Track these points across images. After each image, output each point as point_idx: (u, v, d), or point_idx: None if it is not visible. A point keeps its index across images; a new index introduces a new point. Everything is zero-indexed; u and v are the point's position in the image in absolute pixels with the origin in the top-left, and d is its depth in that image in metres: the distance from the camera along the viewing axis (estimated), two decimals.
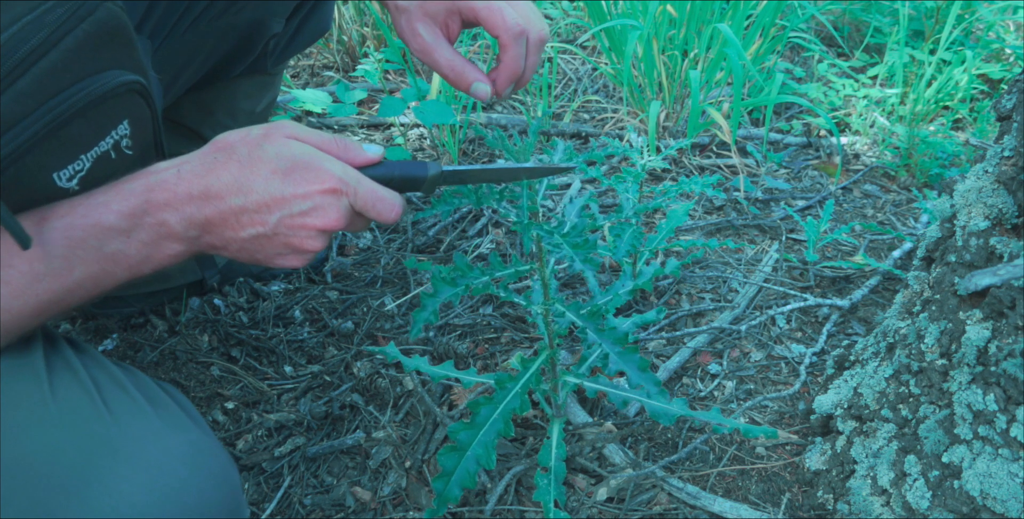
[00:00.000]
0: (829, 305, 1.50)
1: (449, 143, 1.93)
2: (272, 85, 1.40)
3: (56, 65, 0.69)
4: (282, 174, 0.78)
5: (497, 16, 0.96)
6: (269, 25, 1.21)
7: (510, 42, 0.97)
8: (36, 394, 0.69)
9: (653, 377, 0.93)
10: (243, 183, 0.77)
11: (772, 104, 1.98)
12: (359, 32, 2.48)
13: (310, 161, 0.79)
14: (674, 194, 1.42)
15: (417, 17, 1.00)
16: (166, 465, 0.67)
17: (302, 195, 0.78)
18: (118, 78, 0.75)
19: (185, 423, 0.73)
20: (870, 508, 1.00)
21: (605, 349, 0.92)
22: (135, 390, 0.74)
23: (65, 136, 0.72)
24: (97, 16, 0.71)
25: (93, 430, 0.67)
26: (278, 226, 0.78)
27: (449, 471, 0.95)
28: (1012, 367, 0.86)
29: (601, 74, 2.40)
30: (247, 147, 0.79)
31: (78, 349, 0.78)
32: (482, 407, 0.98)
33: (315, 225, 0.79)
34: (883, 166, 2.02)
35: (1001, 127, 0.98)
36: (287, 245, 0.80)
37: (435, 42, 1.00)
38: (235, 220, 0.77)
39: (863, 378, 1.09)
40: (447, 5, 0.99)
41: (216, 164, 0.78)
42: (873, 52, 2.64)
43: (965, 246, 0.95)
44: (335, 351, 1.39)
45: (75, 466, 0.64)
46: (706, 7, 2.08)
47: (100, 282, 0.75)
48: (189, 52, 1.14)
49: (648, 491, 1.13)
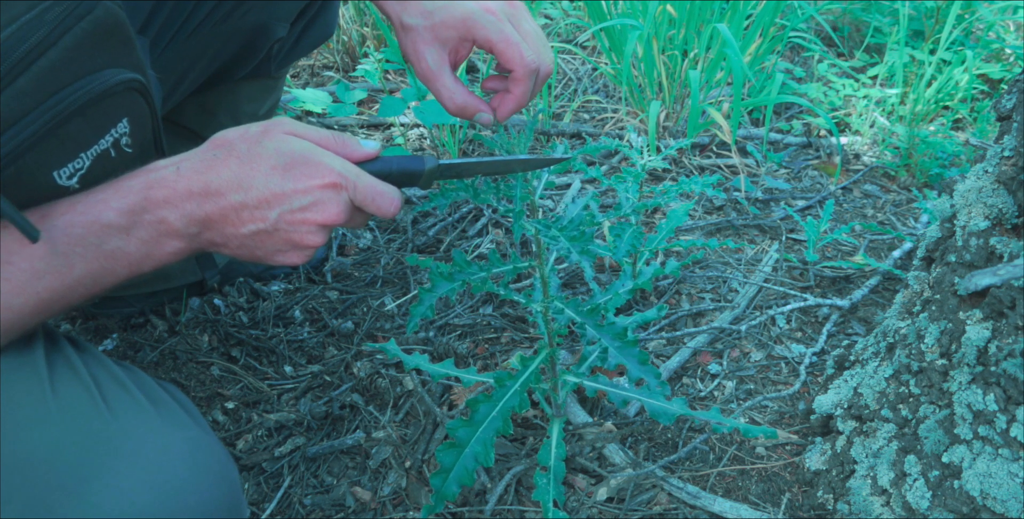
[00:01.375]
0: (829, 305, 1.50)
1: (449, 143, 1.93)
2: (275, 88, 1.41)
3: (55, 64, 0.69)
4: (282, 170, 0.78)
5: (515, 51, 0.96)
6: (273, 30, 1.21)
7: (523, 77, 0.97)
8: (37, 392, 0.69)
9: (653, 370, 0.93)
10: (243, 179, 0.77)
11: (772, 104, 1.98)
12: (359, 32, 2.48)
13: (309, 156, 0.79)
14: (674, 194, 1.42)
15: (424, 40, 0.99)
16: (166, 463, 0.66)
17: (302, 190, 0.78)
18: (117, 76, 0.75)
19: (185, 421, 0.73)
20: (870, 508, 1.00)
21: (604, 344, 0.92)
22: (135, 388, 0.74)
23: (64, 134, 0.72)
24: (95, 14, 0.71)
25: (93, 428, 0.67)
26: (279, 222, 0.78)
27: (447, 468, 0.95)
28: (1012, 367, 0.86)
29: (601, 74, 2.40)
30: (246, 144, 0.79)
31: (79, 347, 0.78)
32: (481, 405, 0.98)
33: (315, 220, 0.79)
34: (883, 166, 2.02)
35: (1001, 127, 0.98)
36: (288, 241, 0.80)
37: (439, 69, 0.99)
38: (235, 216, 0.77)
39: (863, 378, 1.09)
40: (461, 33, 0.97)
41: (216, 161, 0.78)
42: (873, 52, 2.64)
43: (965, 246, 0.95)
44: (335, 351, 1.39)
45: (75, 464, 0.64)
46: (706, 7, 2.08)
47: (100, 280, 0.75)
48: (193, 55, 1.14)
49: (648, 491, 1.13)
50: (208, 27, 1.12)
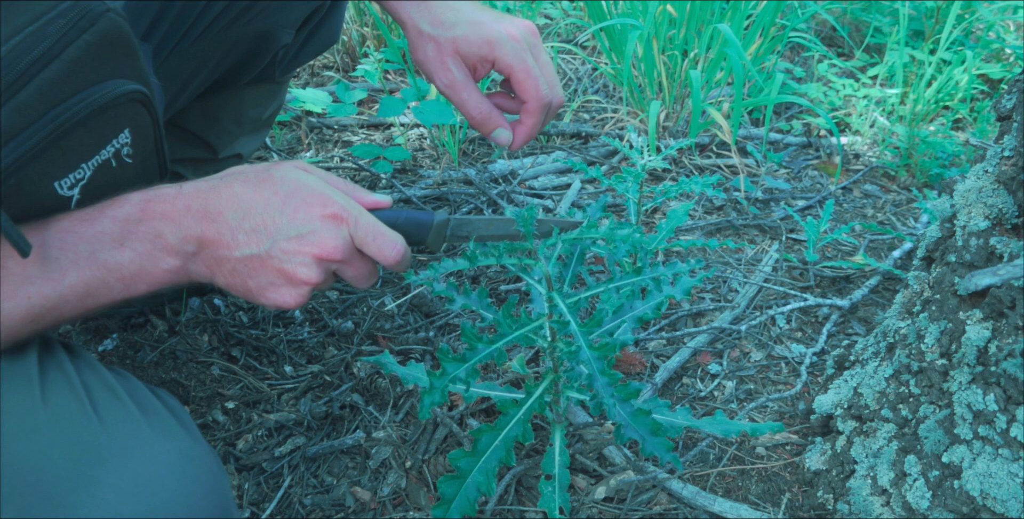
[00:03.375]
0: (829, 305, 1.50)
1: (449, 143, 1.93)
2: (279, 93, 1.41)
3: (58, 76, 0.69)
4: (284, 196, 0.77)
5: (531, 84, 0.97)
6: (279, 36, 1.20)
7: (537, 110, 0.99)
8: (27, 400, 0.68)
9: (665, 443, 0.90)
10: (244, 202, 0.76)
11: (772, 104, 1.98)
12: (359, 32, 2.48)
13: (314, 187, 0.79)
14: (674, 194, 1.42)
15: (448, 52, 1.00)
16: (154, 474, 0.65)
17: (301, 219, 0.77)
18: (120, 88, 0.74)
19: (176, 431, 0.72)
20: (870, 508, 1.00)
21: (616, 415, 0.87)
22: (127, 397, 0.73)
23: (66, 145, 0.72)
24: (99, 26, 0.71)
25: (81, 438, 0.66)
26: (272, 248, 0.77)
27: (449, 498, 0.94)
28: (1012, 367, 0.86)
29: (601, 74, 2.40)
30: (255, 172, 0.79)
31: (73, 354, 0.77)
32: (484, 435, 0.97)
33: (311, 252, 0.78)
34: (883, 166, 2.02)
35: (1001, 127, 0.98)
36: (280, 272, 0.78)
37: (466, 81, 1.00)
38: (231, 237, 0.76)
39: (863, 378, 1.09)
40: (484, 54, 0.98)
41: (220, 183, 0.78)
42: (873, 52, 2.64)
43: (965, 246, 0.95)
44: (335, 351, 1.39)
45: (62, 474, 0.63)
46: (706, 7, 2.08)
47: (93, 291, 0.74)
48: (198, 61, 1.14)
49: (648, 491, 1.13)
50: (213, 33, 1.11)
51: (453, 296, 0.94)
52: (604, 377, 0.83)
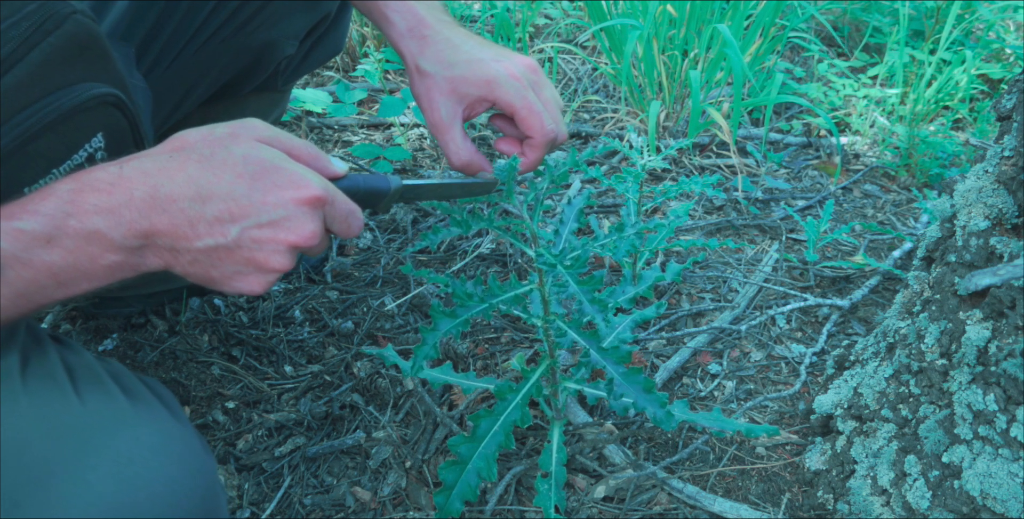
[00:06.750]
0: (829, 305, 1.50)
1: None
2: (281, 101, 1.40)
3: (22, 80, 0.66)
4: (249, 178, 0.69)
5: (536, 120, 0.96)
6: (282, 47, 1.20)
7: (540, 145, 0.98)
8: (7, 384, 0.66)
9: (657, 397, 0.91)
10: (202, 186, 0.68)
11: (772, 104, 1.98)
12: (359, 32, 2.48)
13: (282, 166, 0.72)
14: (674, 194, 1.42)
15: (440, 90, 0.97)
16: (136, 456, 0.63)
17: (273, 203, 0.70)
18: (90, 91, 0.72)
19: (160, 413, 0.69)
20: (870, 508, 1.00)
21: (609, 372, 0.90)
22: (110, 380, 0.70)
23: (34, 151, 0.69)
24: (65, 29, 0.68)
25: (62, 420, 0.64)
26: (241, 238, 0.69)
27: (450, 485, 0.94)
28: (1012, 367, 0.86)
29: (601, 74, 2.40)
30: (209, 147, 0.70)
31: (59, 342, 0.76)
32: (483, 420, 0.97)
33: (285, 239, 0.71)
34: (883, 166, 2.02)
35: (1001, 127, 0.98)
36: (249, 261, 0.71)
37: (451, 122, 0.98)
38: (189, 228, 0.68)
39: (863, 378, 1.09)
40: (483, 93, 0.97)
41: (170, 163, 0.68)
42: (873, 52, 2.64)
43: (965, 246, 0.95)
44: (335, 351, 1.39)
45: (43, 457, 0.62)
46: (706, 7, 2.08)
47: (24, 291, 0.67)
48: (200, 71, 1.13)
49: (648, 491, 1.13)
50: (216, 43, 1.11)
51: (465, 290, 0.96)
52: (594, 306, 0.83)
